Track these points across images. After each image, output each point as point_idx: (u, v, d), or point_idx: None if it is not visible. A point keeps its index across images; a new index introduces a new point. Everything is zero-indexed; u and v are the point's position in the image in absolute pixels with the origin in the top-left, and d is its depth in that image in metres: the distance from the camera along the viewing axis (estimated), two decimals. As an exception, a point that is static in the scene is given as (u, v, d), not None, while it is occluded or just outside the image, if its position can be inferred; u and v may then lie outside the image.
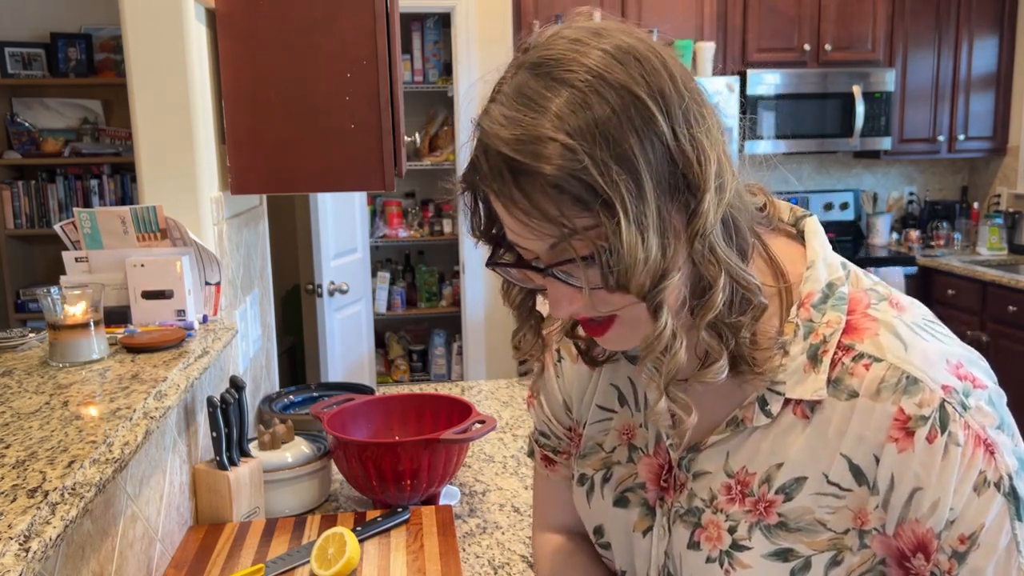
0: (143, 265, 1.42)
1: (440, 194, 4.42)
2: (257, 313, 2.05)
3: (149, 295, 1.42)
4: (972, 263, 3.96)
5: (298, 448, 1.55)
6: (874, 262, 4.17)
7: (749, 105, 3.97)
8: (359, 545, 1.27)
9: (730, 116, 3.54)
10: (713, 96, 0.81)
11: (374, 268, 4.22)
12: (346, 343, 3.38)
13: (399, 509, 1.41)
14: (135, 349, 1.28)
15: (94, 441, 0.90)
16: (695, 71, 3.86)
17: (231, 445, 1.40)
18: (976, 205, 4.53)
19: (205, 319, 1.49)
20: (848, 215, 4.61)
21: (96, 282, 1.32)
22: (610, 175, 0.60)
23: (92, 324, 1.23)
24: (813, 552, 0.70)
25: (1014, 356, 3.59)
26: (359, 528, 1.34)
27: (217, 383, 1.58)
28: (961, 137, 4.34)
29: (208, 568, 1.25)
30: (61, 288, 1.26)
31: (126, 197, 4.23)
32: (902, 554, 0.68)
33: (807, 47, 4.10)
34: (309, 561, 1.24)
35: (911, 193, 4.70)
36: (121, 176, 4.26)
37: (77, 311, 1.23)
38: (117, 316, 1.41)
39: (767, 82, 4.05)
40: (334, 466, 1.57)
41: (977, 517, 0.64)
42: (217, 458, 1.39)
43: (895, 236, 4.58)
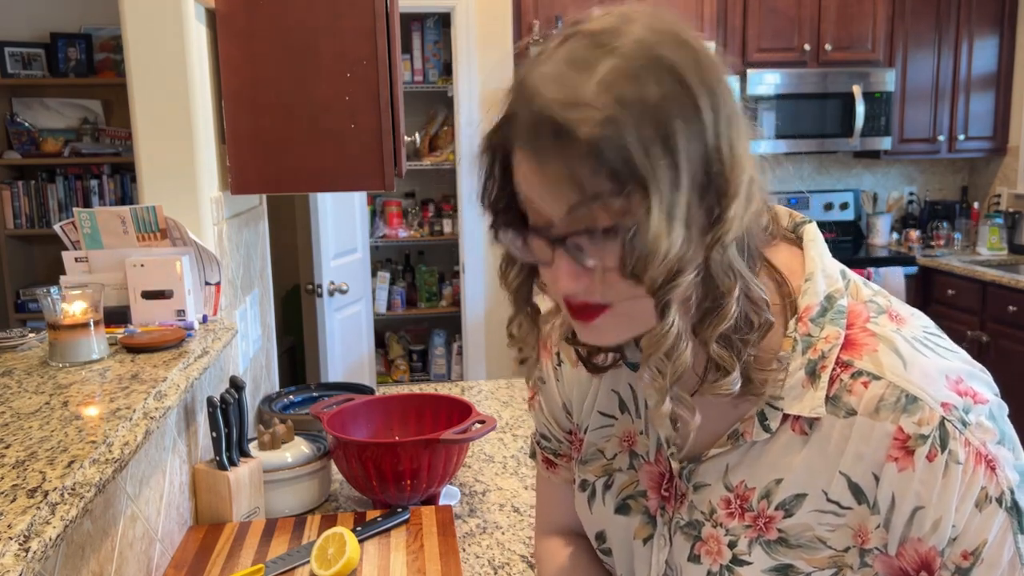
0: (143, 265, 1.42)
1: (440, 192, 4.42)
2: (257, 313, 2.05)
3: (149, 295, 1.42)
4: (972, 263, 3.96)
5: (298, 448, 1.55)
6: (874, 262, 4.16)
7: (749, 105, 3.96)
8: (359, 545, 1.27)
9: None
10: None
11: (374, 268, 4.22)
12: (346, 343, 3.38)
13: (399, 509, 1.41)
14: (135, 349, 1.28)
15: (94, 441, 0.90)
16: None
17: (231, 445, 1.40)
18: (976, 205, 4.52)
19: (205, 319, 1.49)
20: (848, 215, 4.60)
21: (96, 282, 1.32)
22: (650, 155, 0.59)
23: (92, 324, 1.23)
24: (813, 569, 0.70)
25: (1014, 356, 3.59)
26: (359, 528, 1.34)
27: (217, 383, 1.58)
28: (961, 137, 4.34)
29: (208, 568, 1.25)
30: (61, 288, 1.26)
31: (126, 197, 4.23)
32: (905, 573, 0.67)
33: (807, 47, 4.10)
34: (309, 561, 1.24)
35: (911, 193, 4.70)
36: (121, 176, 4.26)
37: (77, 311, 1.23)
38: (117, 316, 1.41)
39: (767, 82, 4.05)
40: (334, 466, 1.57)
41: (980, 533, 0.64)
42: (217, 458, 1.39)
43: (895, 236, 4.57)
